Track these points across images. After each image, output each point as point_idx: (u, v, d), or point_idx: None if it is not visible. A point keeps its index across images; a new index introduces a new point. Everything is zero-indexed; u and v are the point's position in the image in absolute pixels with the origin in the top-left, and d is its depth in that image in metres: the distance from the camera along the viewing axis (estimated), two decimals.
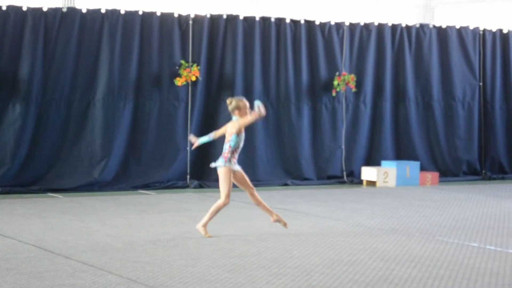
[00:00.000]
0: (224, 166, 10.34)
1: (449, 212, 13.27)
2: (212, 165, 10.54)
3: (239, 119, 10.36)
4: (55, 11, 15.35)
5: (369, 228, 11.49)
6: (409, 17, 24.24)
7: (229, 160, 10.36)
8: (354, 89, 17.49)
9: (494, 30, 19.38)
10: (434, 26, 18.90)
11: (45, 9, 15.27)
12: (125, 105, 15.83)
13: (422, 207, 13.78)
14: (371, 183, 17.10)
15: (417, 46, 18.49)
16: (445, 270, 8.65)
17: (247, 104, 10.43)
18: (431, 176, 17.59)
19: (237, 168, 10.48)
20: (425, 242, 10.35)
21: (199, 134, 13.01)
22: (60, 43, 15.34)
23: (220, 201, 10.34)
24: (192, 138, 11.08)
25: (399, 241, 10.39)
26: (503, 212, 13.37)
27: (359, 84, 17.70)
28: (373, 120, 18.05)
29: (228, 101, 10.53)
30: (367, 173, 17.22)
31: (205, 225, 10.47)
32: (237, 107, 10.38)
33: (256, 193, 10.60)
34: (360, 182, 17.38)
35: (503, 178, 18.94)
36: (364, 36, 17.98)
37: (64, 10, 15.46)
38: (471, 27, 19.11)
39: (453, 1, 26.55)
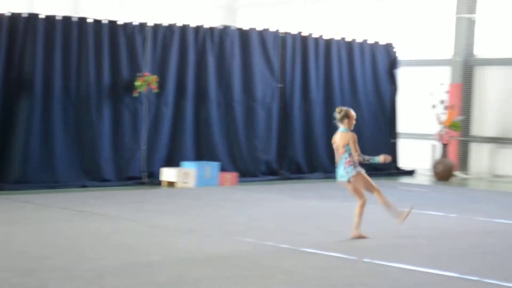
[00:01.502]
0: (357, 173, 10.83)
1: (247, 212, 13.53)
2: (343, 179, 10.90)
3: (348, 134, 11.04)
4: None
5: (166, 228, 11.54)
6: (212, 19, 24.54)
7: (355, 166, 10.88)
8: (156, 90, 17.48)
9: (294, 33, 19.93)
10: (236, 28, 19.21)
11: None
12: None
13: (220, 207, 13.98)
14: (171, 184, 17.15)
15: (220, 47, 18.71)
16: (240, 269, 8.83)
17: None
18: (231, 176, 17.85)
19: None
20: (221, 242, 10.52)
21: None
22: None
23: (379, 196, 10.96)
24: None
25: (196, 241, 10.50)
26: (299, 211, 13.76)
27: (162, 85, 17.70)
28: (174, 121, 18.09)
29: (338, 109, 11.15)
30: (167, 174, 17.25)
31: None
32: (347, 116, 10.99)
33: (381, 194, 11.08)
34: (160, 183, 17.39)
35: (300, 178, 19.46)
36: (167, 37, 18.01)
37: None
38: (272, 30, 19.55)
39: (255, 4, 27.09)
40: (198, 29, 18.44)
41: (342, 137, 11.07)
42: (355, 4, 24.47)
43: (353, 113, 11.11)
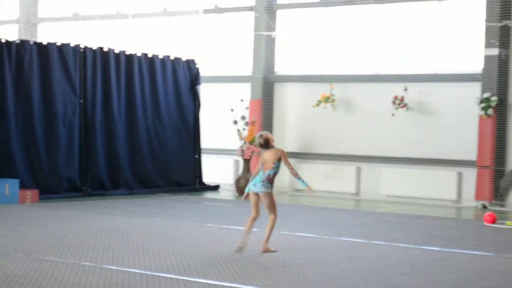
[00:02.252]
0: (270, 192, 11.21)
1: (48, 229, 13.15)
2: (256, 190, 11.15)
3: (280, 150, 11.35)
4: None
5: None
6: (10, 33, 23.89)
7: (272, 185, 11.30)
8: None
9: (94, 48, 19.67)
10: (34, 43, 18.75)
11: None
12: None
13: (20, 226, 13.53)
14: None
15: (18, 62, 18.22)
16: None
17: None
18: (31, 193, 17.36)
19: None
20: (21, 261, 10.15)
21: None
22: None
23: (272, 221, 11.30)
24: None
25: None
26: (101, 228, 13.53)
27: None
28: None
29: (260, 138, 11.36)
30: None
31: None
32: (268, 140, 11.34)
33: (275, 221, 11.37)
34: None
35: (103, 195, 19.23)
36: None
37: None
38: (72, 44, 19.22)
39: (55, 18, 26.61)
40: None
41: (273, 153, 11.35)
42: (157, 20, 24.49)
43: (270, 135, 11.51)
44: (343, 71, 21.36)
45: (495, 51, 18.73)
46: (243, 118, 21.25)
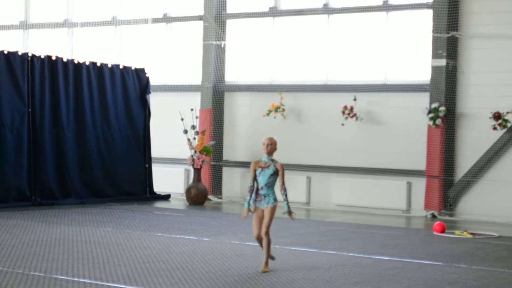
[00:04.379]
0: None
1: None
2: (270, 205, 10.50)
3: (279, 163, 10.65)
4: None
5: None
6: None
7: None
8: None
9: (42, 56, 19.53)
10: None
11: None
12: None
13: None
14: None
15: None
16: None
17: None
18: None
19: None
20: None
21: None
22: None
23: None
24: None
25: None
26: (51, 237, 13.42)
27: None
28: None
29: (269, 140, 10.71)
30: None
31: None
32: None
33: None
34: None
35: (53, 204, 19.06)
36: None
37: None
38: (20, 53, 19.07)
39: (2, 26, 26.36)
40: None
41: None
42: (106, 29, 24.38)
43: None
44: (292, 80, 21.45)
45: (442, 62, 18.97)
46: (193, 127, 21.24)
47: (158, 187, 22.03)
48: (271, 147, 10.73)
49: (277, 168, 10.62)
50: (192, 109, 21.46)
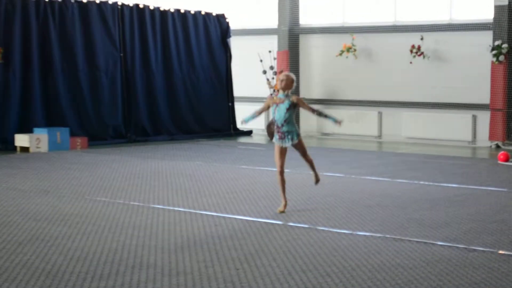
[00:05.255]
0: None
1: (98, 173, 13.37)
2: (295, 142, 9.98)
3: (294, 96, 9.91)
4: None
5: (22, 191, 11.28)
6: None
7: None
8: (1, 61, 16.95)
9: (131, 5, 19.73)
10: (75, 1, 18.78)
11: None
12: None
13: (72, 170, 13.75)
14: (25, 149, 16.76)
15: (61, 20, 18.33)
16: (93, 226, 8.77)
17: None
18: (81, 140, 17.57)
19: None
20: (75, 202, 10.38)
21: None
22: None
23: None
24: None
25: (50, 202, 10.32)
26: (146, 171, 13.72)
27: (7, 56, 17.24)
28: (23, 90, 17.66)
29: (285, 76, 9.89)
30: (20, 139, 16.87)
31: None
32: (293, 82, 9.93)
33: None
34: (14, 148, 16.95)
35: (146, 141, 19.42)
36: (9, 11, 17.47)
37: None
38: (110, 2, 19.29)
39: None
40: (38, 2, 17.97)
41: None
42: None
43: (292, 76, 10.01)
44: (363, 22, 21.25)
45: (505, 1, 18.55)
46: (271, 68, 21.26)
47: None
48: (285, 82, 9.85)
49: (293, 102, 9.82)
50: (270, 51, 21.45)
